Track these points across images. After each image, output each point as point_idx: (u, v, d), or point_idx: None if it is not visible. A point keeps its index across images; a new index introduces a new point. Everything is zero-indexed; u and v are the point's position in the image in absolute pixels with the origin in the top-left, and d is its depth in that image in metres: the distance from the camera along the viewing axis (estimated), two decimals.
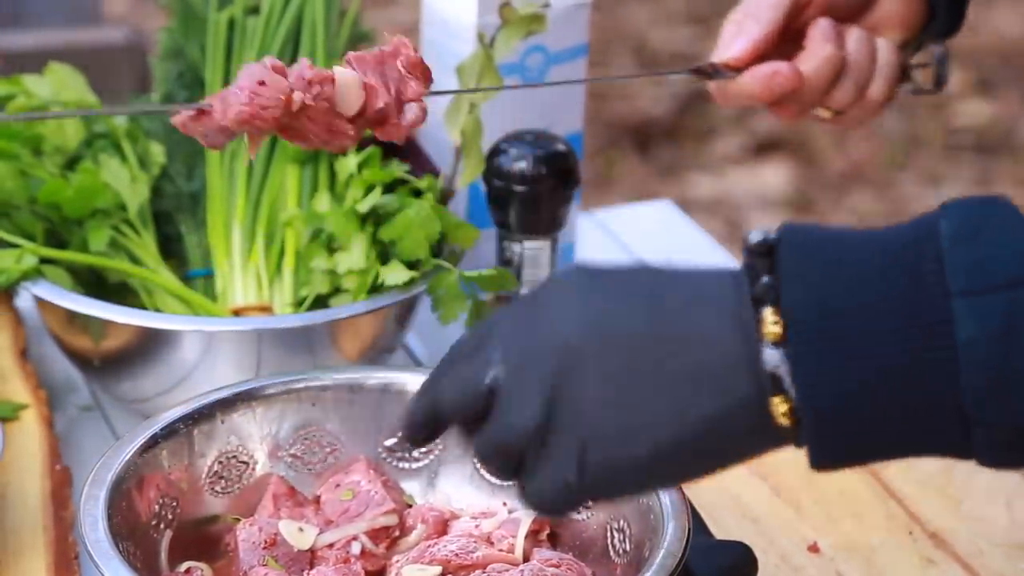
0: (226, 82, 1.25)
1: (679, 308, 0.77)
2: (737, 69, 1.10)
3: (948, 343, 0.73)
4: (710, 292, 0.77)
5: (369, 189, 1.19)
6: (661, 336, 0.76)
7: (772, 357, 0.74)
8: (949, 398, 0.73)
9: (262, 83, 0.92)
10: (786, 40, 1.11)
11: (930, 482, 1.15)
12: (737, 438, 0.77)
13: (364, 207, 1.17)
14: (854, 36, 1.12)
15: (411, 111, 0.97)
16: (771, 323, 0.74)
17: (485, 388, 0.78)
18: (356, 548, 0.99)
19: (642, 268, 0.80)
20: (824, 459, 0.77)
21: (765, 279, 0.75)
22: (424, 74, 0.97)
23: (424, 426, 0.82)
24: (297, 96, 0.93)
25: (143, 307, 1.18)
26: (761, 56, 1.10)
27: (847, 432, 0.75)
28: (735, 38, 1.11)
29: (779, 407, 0.75)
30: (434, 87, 1.30)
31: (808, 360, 0.74)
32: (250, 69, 0.93)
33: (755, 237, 0.76)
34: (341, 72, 0.95)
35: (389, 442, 1.06)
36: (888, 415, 0.74)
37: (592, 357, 0.76)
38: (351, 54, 0.97)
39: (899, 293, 0.73)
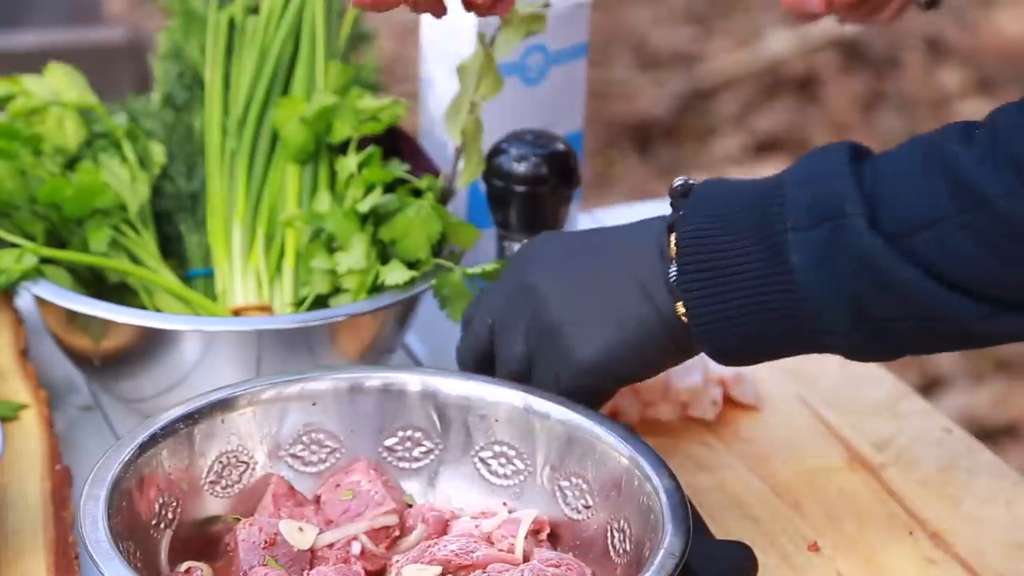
0: (225, 82, 1.25)
1: (617, 242, 1.03)
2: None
3: (788, 265, 0.94)
4: (642, 227, 1.02)
5: (369, 189, 1.19)
6: (601, 265, 1.03)
7: (674, 272, 0.99)
8: (796, 309, 0.95)
9: None
10: None
11: (930, 482, 1.15)
12: (662, 337, 1.01)
13: (364, 207, 1.17)
14: None
15: (503, 4, 1.08)
16: (672, 246, 0.99)
17: (487, 336, 1.07)
18: (356, 548, 0.99)
19: (592, 228, 1.08)
20: (715, 354, 1.00)
21: (677, 213, 0.99)
22: None
23: (474, 371, 1.08)
24: None
25: (143, 307, 1.18)
26: None
27: (723, 330, 0.97)
28: None
29: (680, 310, 0.99)
30: (434, 88, 1.31)
31: (688, 275, 0.98)
32: None
33: (677, 181, 1.01)
34: None
35: (390, 442, 1.06)
36: (752, 317, 0.96)
37: (549, 290, 1.03)
38: None
39: (753, 225, 0.95)
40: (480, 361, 1.07)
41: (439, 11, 1.07)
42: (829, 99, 3.37)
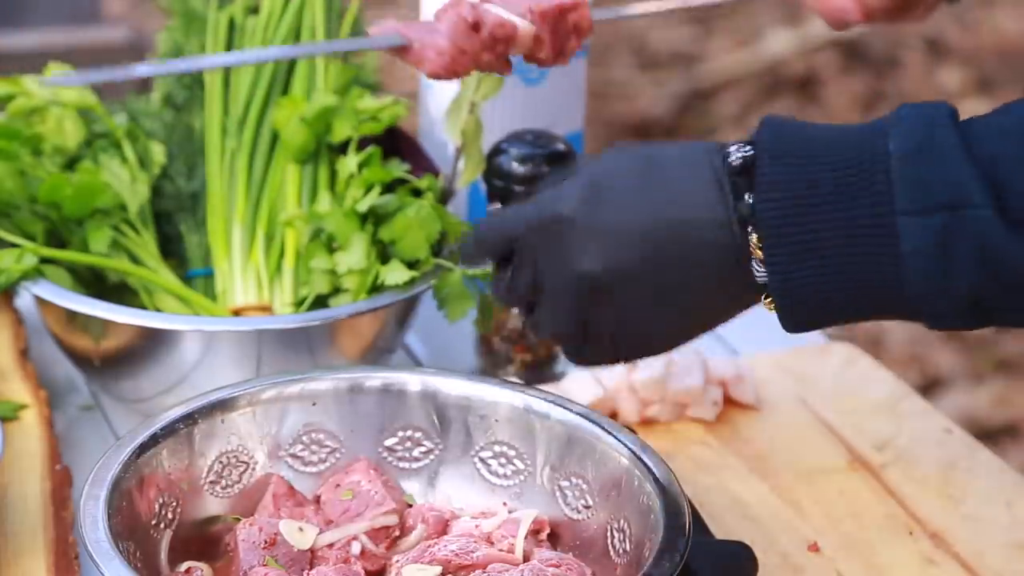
0: (225, 82, 1.25)
1: (687, 236, 0.93)
2: None
3: (895, 251, 0.87)
4: (693, 189, 0.93)
5: (369, 189, 1.19)
6: (671, 265, 0.93)
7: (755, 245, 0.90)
8: (899, 295, 0.88)
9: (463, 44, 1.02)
10: None
11: (930, 482, 1.15)
12: (731, 311, 0.95)
13: (364, 206, 1.17)
14: None
15: (561, 60, 1.08)
16: (752, 235, 0.90)
17: (525, 290, 0.97)
18: (356, 548, 0.99)
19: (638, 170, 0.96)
20: (785, 322, 0.92)
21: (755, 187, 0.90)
22: (586, 31, 1.07)
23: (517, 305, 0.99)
24: (485, 57, 1.03)
25: (143, 307, 1.18)
26: None
27: (809, 307, 0.91)
28: None
29: (761, 278, 0.91)
30: (434, 88, 1.31)
31: (776, 259, 0.90)
32: (450, 20, 1.01)
33: (736, 155, 0.92)
34: (523, 28, 1.03)
35: (390, 442, 1.06)
36: (845, 295, 0.90)
37: (616, 290, 0.94)
38: (534, 7, 1.03)
39: (852, 202, 0.88)
40: (491, 253, 1.00)
41: (505, 69, 1.07)
42: (829, 99, 3.37)
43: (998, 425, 2.51)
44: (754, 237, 0.90)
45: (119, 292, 1.20)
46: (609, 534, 0.99)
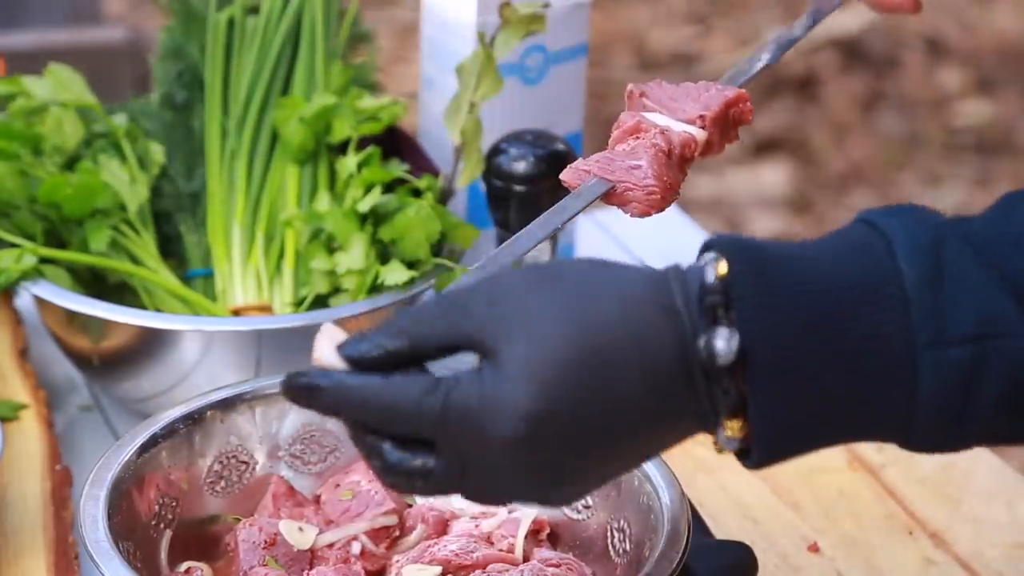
0: (225, 82, 1.25)
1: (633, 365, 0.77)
2: None
3: (911, 387, 0.76)
4: (643, 339, 0.77)
5: (369, 189, 1.19)
6: (620, 416, 0.77)
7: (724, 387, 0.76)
8: (896, 428, 0.78)
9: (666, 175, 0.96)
10: None
11: (930, 482, 1.15)
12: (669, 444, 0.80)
13: (364, 207, 1.17)
14: None
15: (721, 148, 1.02)
16: (722, 357, 0.75)
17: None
18: (356, 548, 0.99)
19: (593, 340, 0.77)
20: (757, 464, 0.79)
21: (730, 345, 0.75)
22: (747, 121, 1.02)
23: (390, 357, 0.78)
24: (682, 177, 0.98)
25: (143, 307, 1.18)
26: None
27: (790, 448, 0.79)
28: None
29: (732, 428, 0.77)
30: (434, 88, 1.31)
31: (764, 411, 0.76)
32: (649, 153, 0.96)
33: (709, 278, 0.76)
34: (700, 137, 0.98)
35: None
36: (827, 434, 0.79)
37: (555, 441, 0.77)
38: (705, 111, 0.98)
39: (863, 344, 0.75)
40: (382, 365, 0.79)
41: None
42: (829, 99, 3.36)
43: None
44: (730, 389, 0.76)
45: (119, 292, 1.20)
46: (609, 534, 0.99)
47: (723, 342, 0.75)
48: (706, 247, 0.78)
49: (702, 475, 1.16)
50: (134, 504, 0.98)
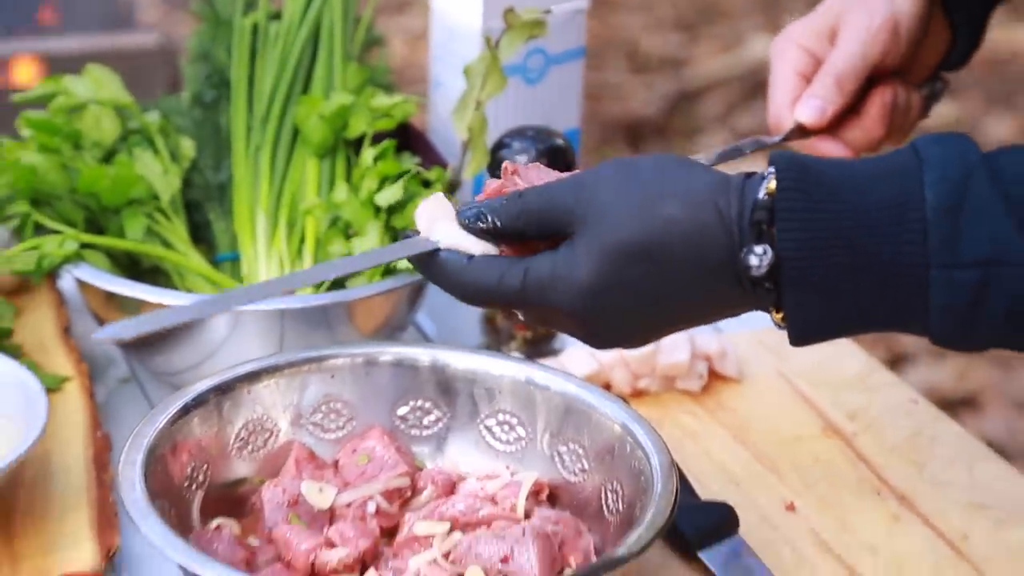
0: (250, 82, 1.25)
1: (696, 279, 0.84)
2: (806, 131, 1.07)
3: (924, 306, 0.80)
4: (705, 243, 0.83)
5: (384, 180, 1.19)
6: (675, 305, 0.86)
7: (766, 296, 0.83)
8: (915, 330, 0.82)
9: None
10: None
11: (897, 448, 1.15)
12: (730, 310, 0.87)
13: (383, 199, 1.17)
14: (900, 100, 1.09)
15: None
16: (759, 262, 0.81)
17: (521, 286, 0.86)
18: (372, 507, 1.00)
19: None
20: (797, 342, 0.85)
21: (763, 261, 0.81)
22: None
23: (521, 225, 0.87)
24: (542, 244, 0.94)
25: (175, 288, 1.19)
26: (831, 122, 1.06)
27: (822, 336, 0.84)
28: (810, 98, 1.06)
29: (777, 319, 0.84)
30: (442, 88, 1.31)
31: (797, 308, 0.82)
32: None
33: (760, 193, 0.81)
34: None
35: (402, 411, 1.06)
36: (854, 329, 0.84)
37: (613, 316, 0.86)
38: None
39: (882, 256, 0.79)
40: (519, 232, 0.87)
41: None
42: None
43: (958, 397, 2.52)
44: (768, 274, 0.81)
45: (153, 275, 1.20)
46: (603, 495, 0.99)
47: (756, 259, 0.81)
48: (770, 162, 0.83)
49: (689, 442, 1.16)
50: (168, 467, 0.98)
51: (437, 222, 0.90)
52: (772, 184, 0.82)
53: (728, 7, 3.78)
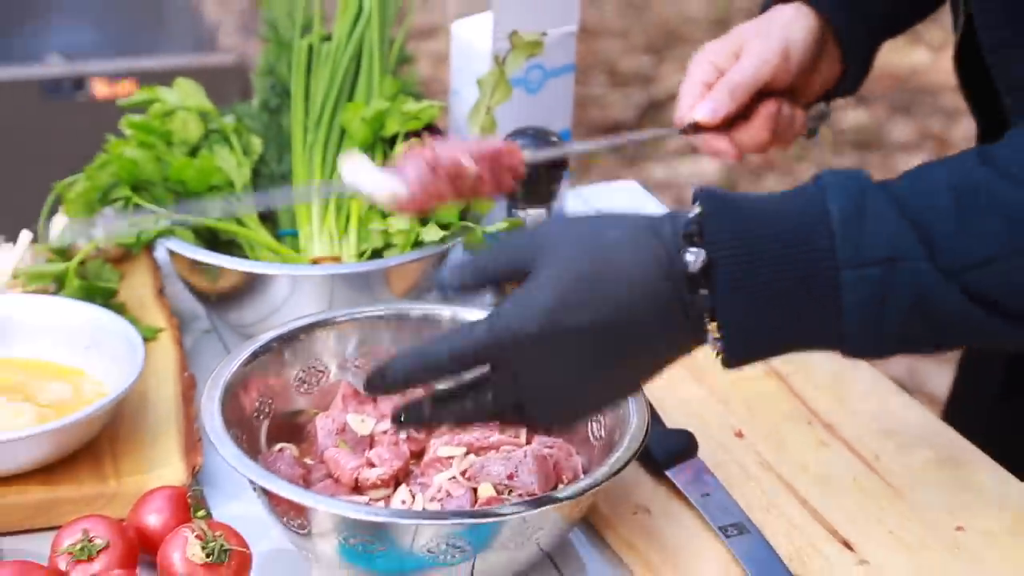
0: (306, 92, 1.23)
1: (644, 289, 0.76)
2: (702, 128, 1.04)
3: (838, 302, 0.74)
4: (644, 259, 0.77)
5: None
6: (628, 325, 0.77)
7: (702, 301, 0.76)
8: (831, 335, 0.76)
9: (427, 185, 0.92)
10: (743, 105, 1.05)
11: (824, 386, 1.13)
12: (676, 355, 0.80)
13: None
14: (785, 114, 1.06)
15: (499, 192, 0.96)
16: (693, 268, 0.75)
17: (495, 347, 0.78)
18: (403, 434, 0.98)
19: (605, 255, 0.77)
20: (730, 364, 0.79)
21: (698, 258, 0.75)
22: (518, 174, 0.96)
23: (474, 279, 0.80)
24: (448, 192, 0.93)
25: (247, 257, 1.17)
26: (722, 122, 1.03)
27: (752, 355, 0.78)
28: (707, 100, 1.03)
29: (712, 330, 0.77)
30: (460, 96, 1.29)
31: (728, 317, 0.75)
32: (416, 168, 0.91)
33: (688, 226, 0.76)
34: (469, 169, 0.93)
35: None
36: (783, 340, 0.77)
37: (583, 346, 0.77)
38: (476, 150, 0.93)
39: (796, 260, 0.74)
40: (476, 285, 0.80)
41: (461, 200, 0.94)
42: None
43: None
44: (708, 299, 0.75)
45: (229, 246, 1.18)
46: (589, 424, 0.97)
47: (692, 256, 0.75)
48: (693, 198, 0.77)
49: (657, 381, 1.14)
50: (240, 402, 0.97)
51: (358, 173, 0.89)
52: (698, 209, 0.77)
53: (688, 35, 3.75)
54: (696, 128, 1.04)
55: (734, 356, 0.78)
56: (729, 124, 1.05)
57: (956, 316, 0.74)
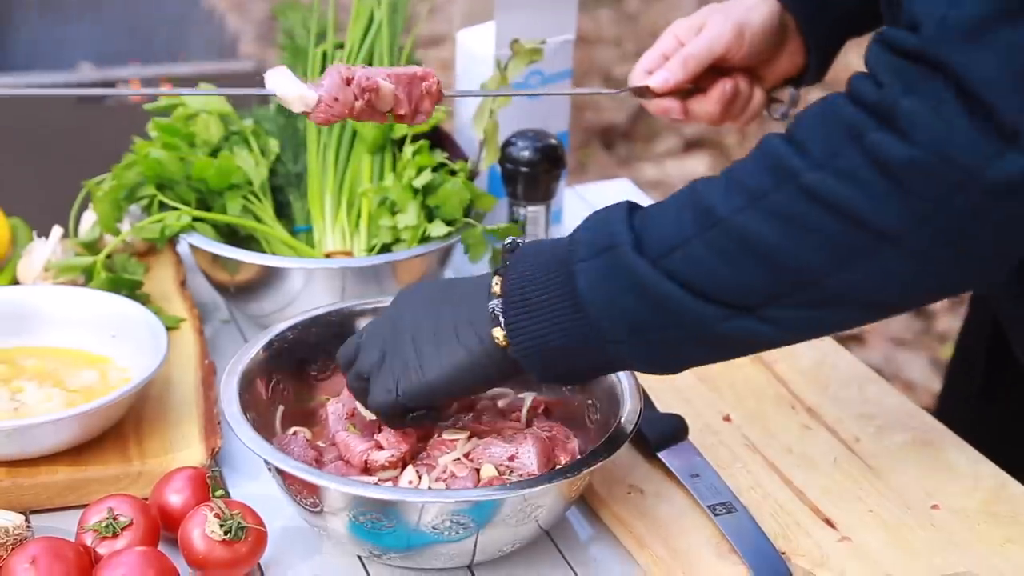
0: None
1: (461, 290, 0.87)
2: (654, 93, 1.05)
3: (575, 289, 0.80)
4: (480, 279, 0.86)
5: (420, 170, 1.16)
6: (440, 307, 0.86)
7: (495, 304, 0.84)
8: (586, 326, 0.81)
9: (337, 94, 0.91)
10: (699, 77, 1.05)
11: (807, 372, 1.12)
12: (485, 364, 0.85)
13: (419, 183, 1.14)
14: (742, 92, 1.06)
15: (420, 116, 0.97)
16: (496, 287, 0.84)
17: (354, 351, 0.90)
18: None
19: (448, 279, 0.93)
20: (533, 371, 0.84)
21: (504, 264, 0.85)
22: (436, 97, 0.96)
23: (345, 369, 0.91)
24: (357, 104, 0.92)
25: (264, 252, 1.15)
26: (672, 89, 1.05)
27: (533, 349, 0.82)
28: (662, 70, 1.04)
29: (498, 334, 0.84)
30: (463, 101, 1.27)
31: (507, 306, 0.83)
32: (332, 79, 0.90)
33: (507, 240, 0.85)
34: (384, 85, 0.93)
35: None
36: (554, 335, 0.82)
37: (404, 326, 0.87)
38: (393, 71, 0.93)
39: (552, 263, 0.82)
40: (347, 365, 0.91)
41: (378, 119, 0.95)
42: None
43: (850, 334, 2.48)
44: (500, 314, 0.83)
45: (247, 241, 1.17)
46: (585, 409, 0.96)
47: (495, 282, 0.84)
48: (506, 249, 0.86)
49: None
50: (257, 387, 0.95)
51: (278, 80, 0.90)
52: (500, 258, 0.87)
53: None
54: (651, 93, 1.05)
55: (523, 354, 0.83)
56: (686, 94, 1.05)
57: (665, 298, 0.78)
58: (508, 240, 0.86)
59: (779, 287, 0.77)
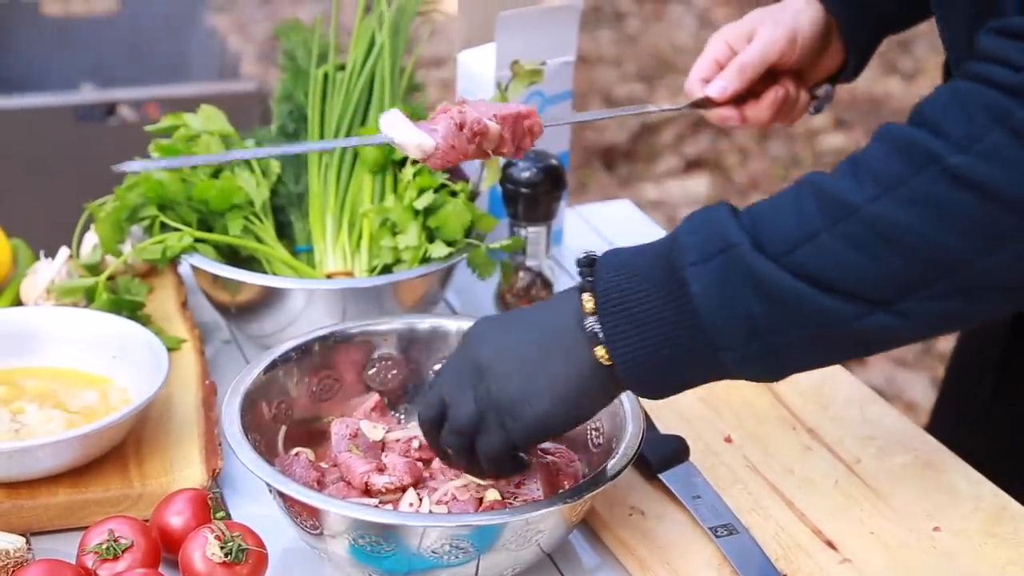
0: (322, 117, 1.22)
1: (542, 315, 0.83)
2: (714, 103, 1.07)
3: (688, 295, 0.77)
4: (558, 300, 0.83)
5: (422, 191, 1.16)
6: (525, 337, 0.83)
7: (591, 323, 0.80)
8: (699, 334, 0.77)
9: (453, 141, 0.93)
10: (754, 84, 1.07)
11: (807, 393, 1.12)
12: (590, 387, 0.82)
13: (420, 205, 1.14)
14: (791, 94, 1.07)
15: (520, 153, 0.98)
16: (587, 304, 0.80)
17: (439, 406, 0.86)
18: (416, 443, 0.97)
19: (517, 309, 0.87)
20: (638, 386, 0.81)
21: (587, 279, 0.81)
22: (537, 134, 0.98)
23: (429, 433, 0.88)
24: (471, 148, 0.94)
25: (265, 272, 1.15)
26: (731, 98, 1.06)
27: (641, 362, 0.79)
28: (719, 79, 1.05)
29: (600, 353, 0.80)
30: None
31: (607, 320, 0.79)
32: (446, 125, 0.93)
33: (581, 255, 0.82)
34: (492, 127, 0.95)
35: (436, 367, 1.03)
36: (663, 346, 0.78)
37: (495, 365, 0.83)
38: (499, 112, 0.95)
39: (656, 270, 0.78)
40: (435, 426, 0.87)
41: (485, 157, 0.95)
42: (736, 132, 3.33)
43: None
44: (600, 332, 0.80)
45: (248, 262, 1.17)
46: (588, 432, 0.96)
47: (586, 299, 0.81)
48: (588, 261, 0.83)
49: None
50: (259, 408, 0.95)
51: (394, 125, 0.91)
52: (589, 271, 0.83)
53: (678, 64, 3.74)
54: (709, 103, 1.07)
55: (626, 370, 0.80)
56: (739, 100, 1.07)
57: (791, 296, 0.75)
58: (583, 254, 0.82)
59: (921, 277, 0.73)
